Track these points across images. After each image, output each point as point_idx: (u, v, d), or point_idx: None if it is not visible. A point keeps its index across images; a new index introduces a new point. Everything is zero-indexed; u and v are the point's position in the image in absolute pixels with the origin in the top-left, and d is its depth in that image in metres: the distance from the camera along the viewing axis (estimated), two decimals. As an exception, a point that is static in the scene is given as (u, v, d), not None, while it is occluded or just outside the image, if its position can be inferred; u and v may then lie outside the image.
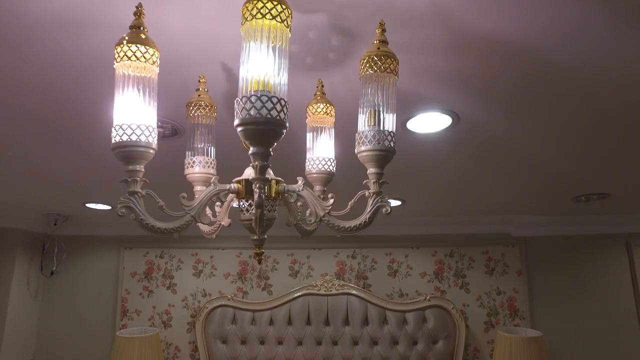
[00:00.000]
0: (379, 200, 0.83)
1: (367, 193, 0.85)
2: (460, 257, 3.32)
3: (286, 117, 0.70)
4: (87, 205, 2.76)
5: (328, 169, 1.05)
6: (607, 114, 1.35)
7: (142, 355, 2.77)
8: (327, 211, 0.85)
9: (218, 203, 0.99)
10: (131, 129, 0.75)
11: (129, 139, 0.75)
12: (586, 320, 3.15)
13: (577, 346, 3.12)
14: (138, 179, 0.77)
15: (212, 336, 3.12)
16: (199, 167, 1.06)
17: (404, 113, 1.34)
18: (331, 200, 0.87)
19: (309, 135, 1.08)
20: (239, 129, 0.69)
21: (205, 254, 3.41)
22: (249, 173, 0.85)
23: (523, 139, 1.57)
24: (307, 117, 1.08)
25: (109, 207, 2.82)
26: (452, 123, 1.41)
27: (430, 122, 1.42)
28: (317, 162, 1.05)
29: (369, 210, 0.83)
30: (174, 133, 1.53)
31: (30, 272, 3.27)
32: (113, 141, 0.76)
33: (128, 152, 0.76)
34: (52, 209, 3.00)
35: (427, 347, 3.04)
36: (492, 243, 3.30)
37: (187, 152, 1.10)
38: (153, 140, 0.78)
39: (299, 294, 3.17)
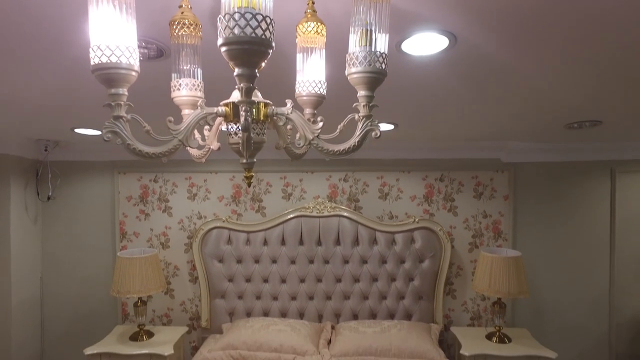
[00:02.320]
0: (369, 123, 0.83)
1: (356, 116, 0.84)
2: (450, 181, 3.39)
3: (272, 36, 0.67)
4: (76, 130, 2.72)
5: (318, 92, 1.03)
6: (607, 41, 1.30)
7: (143, 274, 2.91)
8: (316, 134, 0.85)
9: (207, 127, 0.98)
10: (110, 49, 0.72)
11: (108, 61, 0.72)
12: (563, 242, 3.33)
13: (552, 265, 3.34)
14: (122, 102, 0.76)
15: (209, 256, 3.27)
16: (185, 89, 1.03)
17: (399, 34, 1.28)
18: (320, 124, 0.86)
19: (299, 56, 1.04)
20: (223, 49, 0.66)
21: (199, 177, 3.45)
22: (236, 96, 0.83)
23: (520, 64, 1.52)
24: (297, 37, 1.03)
25: (98, 132, 2.78)
26: (448, 45, 1.36)
27: (426, 44, 1.36)
28: (307, 84, 1.03)
29: (358, 133, 0.83)
30: (160, 54, 1.46)
31: (27, 197, 3.31)
32: (92, 63, 0.73)
33: (109, 75, 0.73)
34: (40, 134, 2.96)
35: (414, 266, 3.21)
36: (482, 168, 3.36)
37: (172, 75, 1.06)
38: (135, 61, 0.75)
39: (291, 215, 3.27)
